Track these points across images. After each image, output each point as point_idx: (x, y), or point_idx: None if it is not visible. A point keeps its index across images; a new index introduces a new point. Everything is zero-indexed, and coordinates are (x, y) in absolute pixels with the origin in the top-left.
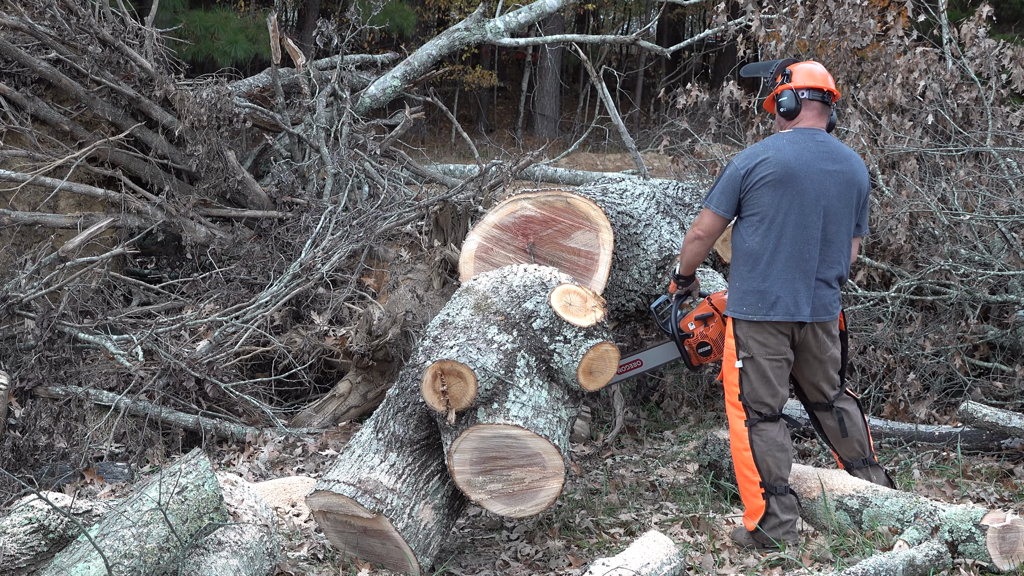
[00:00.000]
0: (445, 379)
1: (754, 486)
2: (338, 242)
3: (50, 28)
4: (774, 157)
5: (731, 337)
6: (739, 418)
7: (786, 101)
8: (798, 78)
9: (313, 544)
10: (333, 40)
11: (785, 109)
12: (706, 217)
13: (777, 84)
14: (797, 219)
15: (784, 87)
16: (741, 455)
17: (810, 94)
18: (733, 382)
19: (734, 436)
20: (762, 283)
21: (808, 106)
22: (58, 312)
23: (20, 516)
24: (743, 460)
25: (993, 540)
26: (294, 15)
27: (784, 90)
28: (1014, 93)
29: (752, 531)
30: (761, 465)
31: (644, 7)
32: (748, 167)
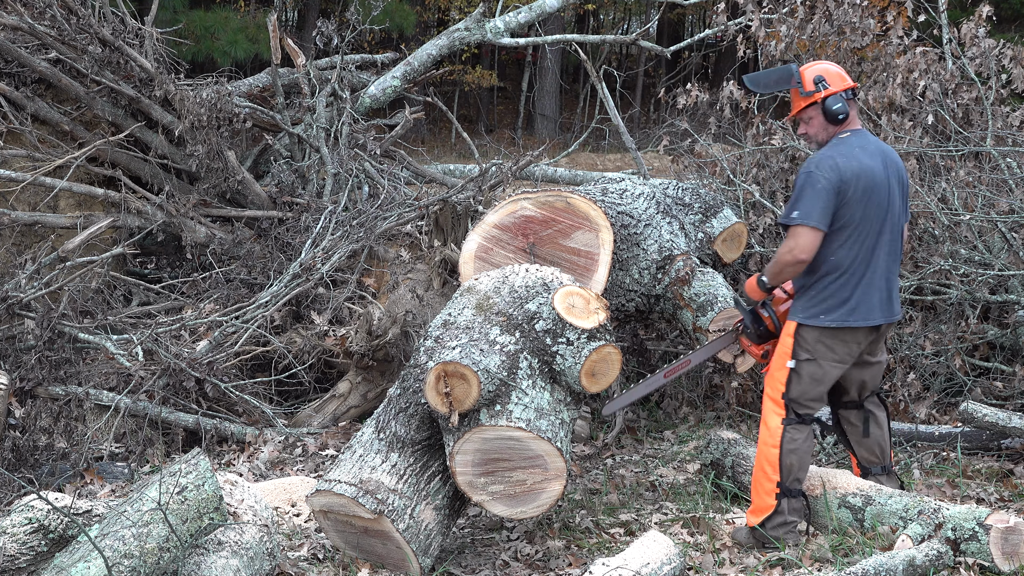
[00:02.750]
0: (448, 381)
1: (770, 484)
2: (338, 242)
3: (50, 28)
4: (856, 167)
5: (790, 337)
6: (777, 415)
7: (840, 107)
8: (835, 81)
9: (313, 544)
10: (333, 40)
11: (843, 115)
12: (807, 237)
13: (812, 92)
14: (877, 226)
15: (829, 92)
16: (768, 451)
17: (847, 94)
18: (780, 380)
19: (766, 431)
20: (845, 291)
21: (851, 107)
22: (58, 312)
23: (20, 516)
24: (768, 457)
25: (996, 540)
26: (294, 15)
27: (830, 95)
28: (1014, 93)
29: (752, 528)
30: (784, 465)
31: (644, 7)
32: (840, 180)
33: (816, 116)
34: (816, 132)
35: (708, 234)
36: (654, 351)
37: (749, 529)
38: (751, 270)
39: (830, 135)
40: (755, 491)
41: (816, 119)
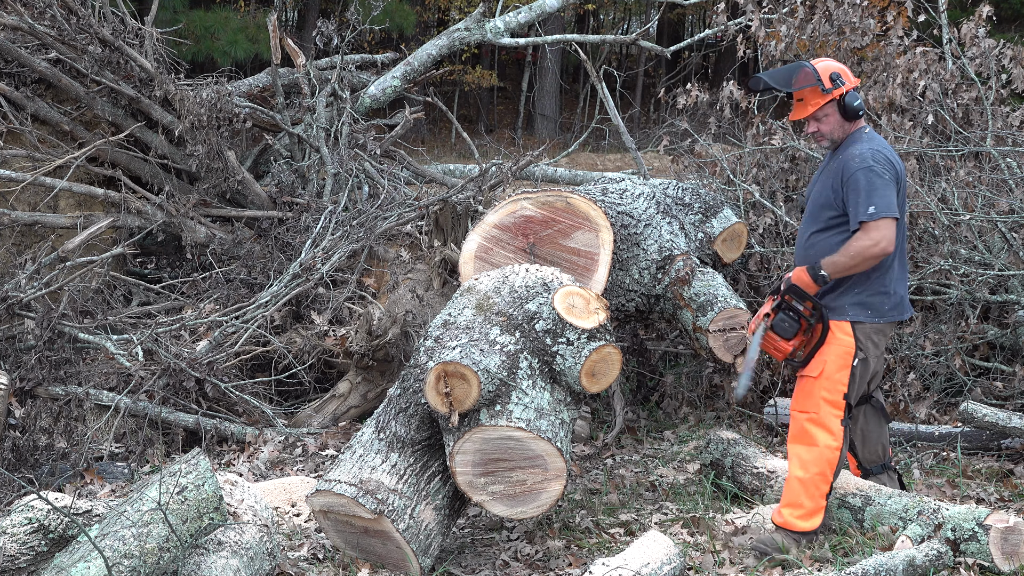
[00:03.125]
0: (449, 381)
1: (825, 487)
2: (338, 242)
3: (50, 28)
4: (899, 159)
5: (849, 336)
6: (837, 417)
7: (860, 102)
8: (848, 78)
9: (313, 544)
10: (333, 40)
11: (862, 111)
12: (891, 228)
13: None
14: (904, 219)
15: (845, 89)
16: (830, 455)
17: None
18: (842, 381)
19: (828, 435)
20: (887, 285)
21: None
22: (58, 312)
23: (20, 516)
24: (829, 460)
25: (996, 540)
26: (294, 15)
27: (849, 91)
28: (1014, 93)
29: (810, 532)
30: (839, 469)
31: (644, 7)
32: (896, 172)
33: (833, 113)
34: (831, 130)
35: (708, 234)
36: (654, 351)
37: (799, 533)
38: (751, 270)
39: (846, 132)
40: (806, 494)
41: (832, 116)
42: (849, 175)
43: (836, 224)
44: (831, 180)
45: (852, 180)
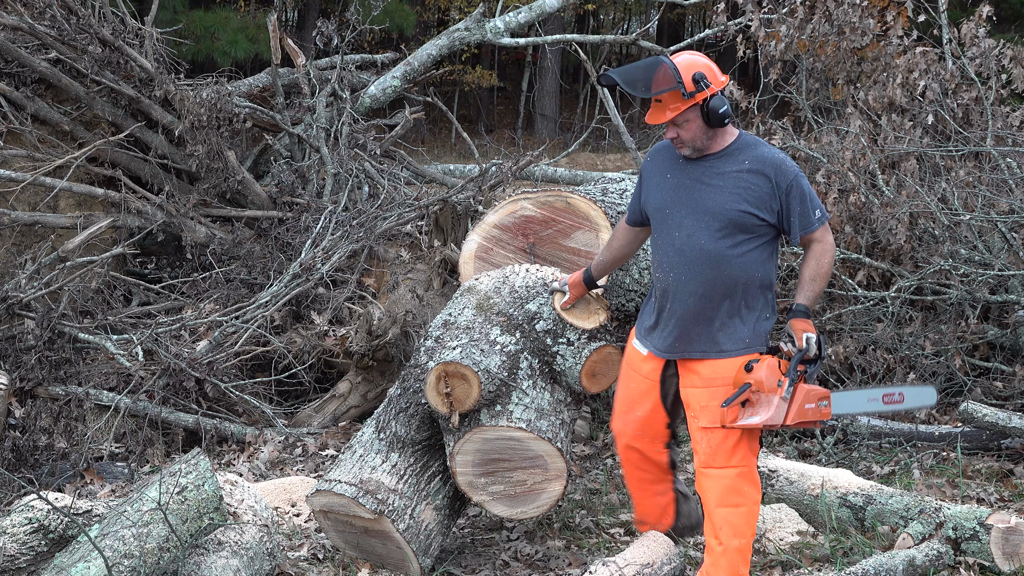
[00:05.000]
0: (449, 381)
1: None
2: (338, 242)
3: (50, 28)
4: None
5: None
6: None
7: (725, 109)
8: (714, 78)
9: (313, 544)
10: (333, 40)
11: (728, 118)
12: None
13: (695, 94)
14: None
15: (709, 92)
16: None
17: (724, 92)
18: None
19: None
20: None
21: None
22: (58, 312)
23: (20, 516)
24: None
25: (997, 540)
26: (294, 15)
27: (714, 95)
28: (1014, 93)
29: None
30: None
31: (644, 7)
32: None
33: (695, 119)
34: (693, 137)
35: None
36: None
37: None
38: None
39: (712, 140)
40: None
41: (694, 123)
42: (789, 183)
43: (755, 235)
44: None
45: (795, 187)
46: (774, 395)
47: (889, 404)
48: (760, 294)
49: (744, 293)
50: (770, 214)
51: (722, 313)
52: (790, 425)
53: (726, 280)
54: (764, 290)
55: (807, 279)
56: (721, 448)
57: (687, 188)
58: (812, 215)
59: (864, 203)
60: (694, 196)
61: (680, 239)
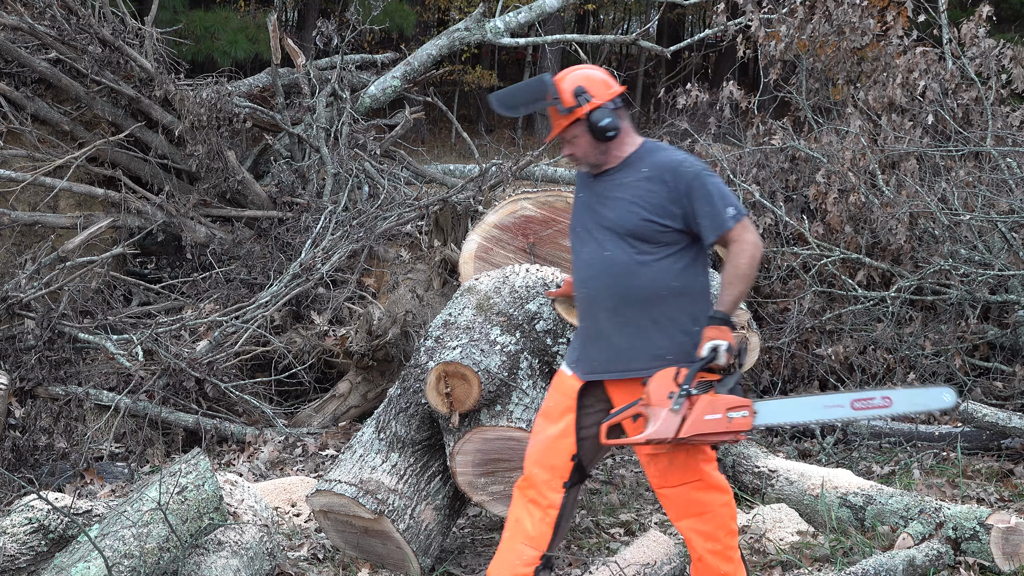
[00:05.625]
0: (449, 381)
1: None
2: (338, 242)
3: (50, 28)
4: None
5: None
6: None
7: (609, 121)
8: (598, 91)
9: (313, 544)
10: (333, 40)
11: (612, 131)
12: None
13: (574, 109)
14: None
15: (591, 107)
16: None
17: (614, 103)
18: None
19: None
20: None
21: (623, 116)
22: (58, 312)
23: (20, 516)
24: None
25: (997, 540)
26: (294, 15)
27: (595, 109)
28: (1014, 93)
29: None
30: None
31: (644, 7)
32: None
33: (582, 134)
34: (585, 153)
35: None
36: None
37: None
38: None
39: (607, 154)
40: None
41: (583, 138)
42: (687, 184)
43: (663, 243)
44: (641, 199)
45: (698, 188)
46: (662, 408)
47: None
48: (681, 305)
49: (661, 306)
50: (674, 220)
51: (639, 329)
52: (689, 438)
53: (637, 293)
54: (687, 300)
55: (724, 283)
56: (669, 470)
57: (591, 205)
58: (723, 214)
59: (864, 203)
60: (597, 212)
61: (587, 255)
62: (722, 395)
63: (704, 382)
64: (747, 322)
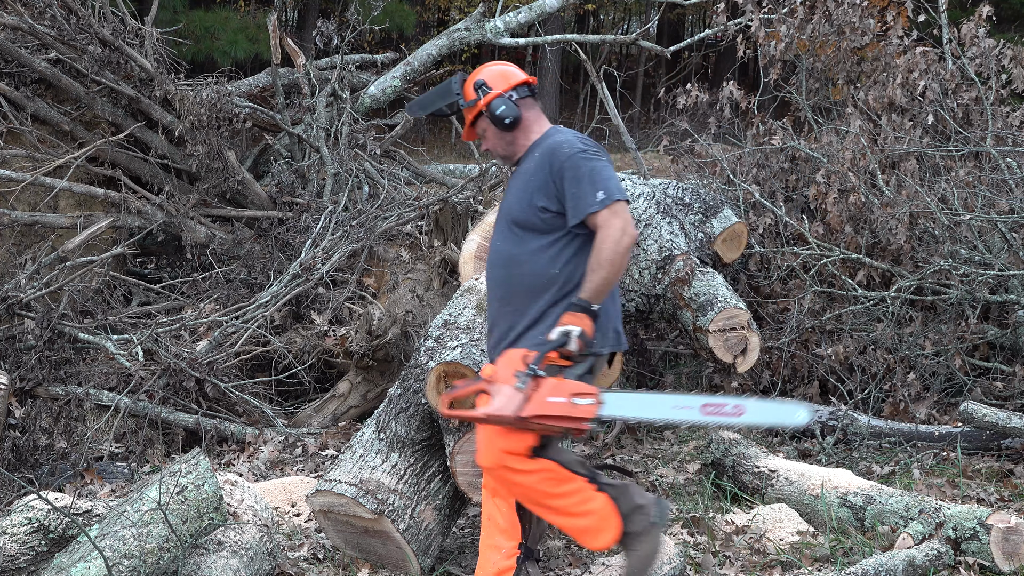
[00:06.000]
0: (449, 381)
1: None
2: (338, 242)
3: (50, 28)
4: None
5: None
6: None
7: (504, 109)
8: (497, 82)
9: (313, 544)
10: (333, 40)
11: (509, 118)
12: (626, 209)
13: (476, 102)
14: None
15: (490, 96)
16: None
17: (518, 92)
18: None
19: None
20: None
21: (529, 105)
22: (58, 312)
23: (20, 516)
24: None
25: (997, 540)
26: (294, 15)
27: (493, 99)
28: (1014, 93)
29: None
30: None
31: (644, 7)
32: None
33: (488, 127)
34: (494, 146)
35: (708, 234)
36: (654, 351)
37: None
38: (751, 270)
39: (516, 144)
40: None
41: (489, 130)
42: (559, 166)
43: (548, 230)
44: (532, 187)
45: (569, 169)
46: (507, 386)
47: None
48: (565, 294)
49: (543, 294)
50: (550, 202)
51: (526, 317)
52: (531, 419)
53: (523, 281)
54: (570, 289)
55: (588, 269)
56: (481, 449)
57: (504, 199)
58: (590, 197)
59: (864, 203)
60: (503, 205)
61: (491, 248)
62: (569, 380)
63: (553, 366)
64: (747, 322)
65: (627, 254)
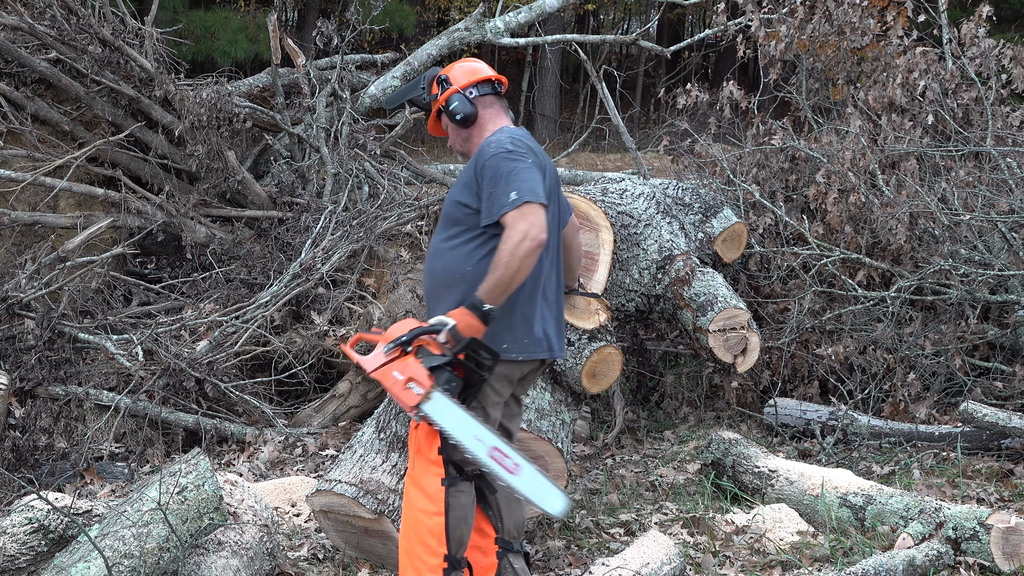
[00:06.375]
0: None
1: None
2: (338, 242)
3: (50, 28)
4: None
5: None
6: (438, 476)
7: (457, 105)
8: (458, 77)
9: (313, 544)
10: (333, 40)
11: (461, 115)
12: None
13: (437, 97)
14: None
15: (448, 92)
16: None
17: (478, 89)
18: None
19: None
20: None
21: (487, 103)
22: (58, 312)
23: (20, 516)
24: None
25: (997, 540)
26: (294, 15)
27: (450, 95)
28: (1014, 93)
29: None
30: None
31: (644, 7)
32: (541, 163)
33: (449, 123)
34: (454, 142)
35: (708, 234)
36: (654, 351)
37: None
38: (751, 270)
39: (467, 140)
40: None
41: (450, 126)
42: (482, 164)
43: (465, 228)
44: (461, 182)
45: (489, 168)
46: (381, 344)
47: (494, 461)
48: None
49: (456, 290)
50: (472, 200)
51: (439, 309)
52: (374, 377)
53: (441, 275)
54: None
55: (489, 269)
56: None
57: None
58: (503, 197)
59: (864, 203)
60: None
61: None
62: (419, 366)
63: (424, 348)
64: (747, 322)
65: (527, 257)
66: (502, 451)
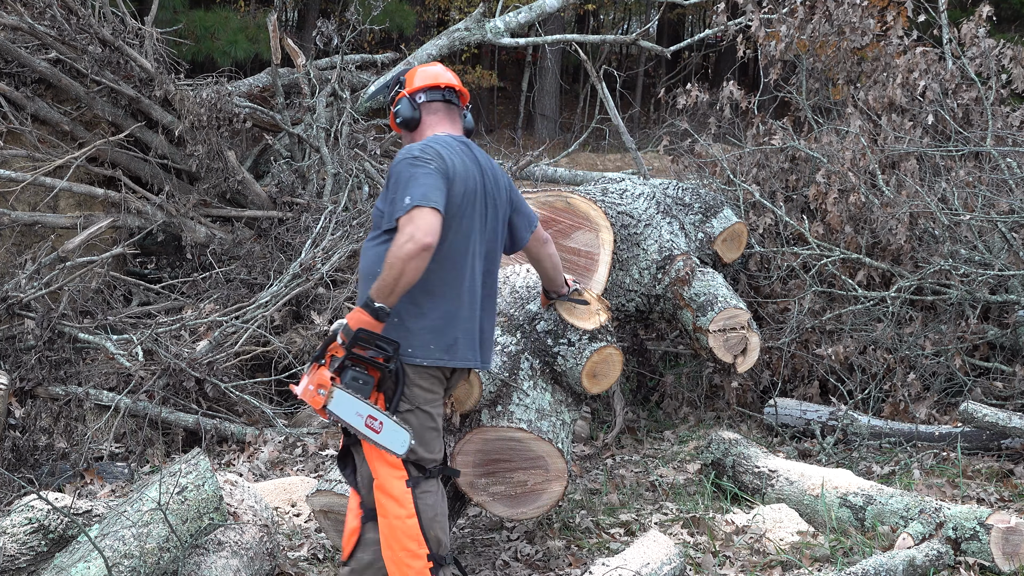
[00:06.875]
0: None
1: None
2: (338, 242)
3: (50, 28)
4: (460, 161)
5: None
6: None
7: (401, 108)
8: (410, 80)
9: (313, 544)
10: (333, 40)
11: (401, 119)
12: (426, 217)
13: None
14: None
15: (398, 96)
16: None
17: (428, 95)
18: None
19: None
20: (439, 319)
21: (433, 110)
22: (58, 312)
23: (20, 516)
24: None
25: (997, 540)
26: (294, 15)
27: (400, 98)
28: (1014, 93)
29: None
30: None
31: (644, 7)
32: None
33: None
34: (404, 142)
35: (708, 234)
36: (654, 351)
37: None
38: (751, 270)
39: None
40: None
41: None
42: (392, 169)
43: (381, 231)
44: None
45: (395, 173)
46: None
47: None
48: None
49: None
50: (385, 203)
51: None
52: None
53: (361, 274)
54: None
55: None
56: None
57: None
58: (400, 202)
59: (864, 203)
60: None
61: None
62: (322, 372)
63: (335, 358)
64: (747, 322)
65: (409, 259)
66: (374, 417)
